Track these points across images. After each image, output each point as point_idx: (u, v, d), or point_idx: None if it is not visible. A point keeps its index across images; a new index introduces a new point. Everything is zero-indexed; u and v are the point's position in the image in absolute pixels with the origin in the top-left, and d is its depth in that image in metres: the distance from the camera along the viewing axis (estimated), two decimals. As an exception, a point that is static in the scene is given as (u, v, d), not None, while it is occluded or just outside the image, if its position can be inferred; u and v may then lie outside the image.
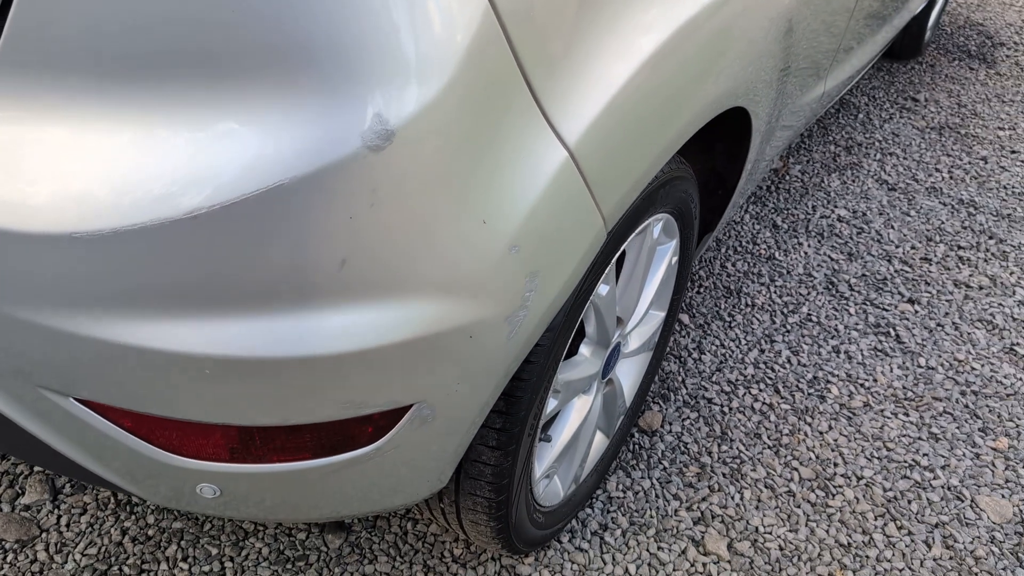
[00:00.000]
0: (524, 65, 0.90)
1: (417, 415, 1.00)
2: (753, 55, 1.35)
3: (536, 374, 1.15)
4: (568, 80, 0.96)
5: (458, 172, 0.87)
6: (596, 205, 1.04)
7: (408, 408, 0.99)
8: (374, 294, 0.88)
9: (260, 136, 0.79)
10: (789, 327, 2.17)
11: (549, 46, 0.93)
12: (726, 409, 1.91)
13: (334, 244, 0.83)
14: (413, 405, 0.99)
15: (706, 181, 1.72)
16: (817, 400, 1.96)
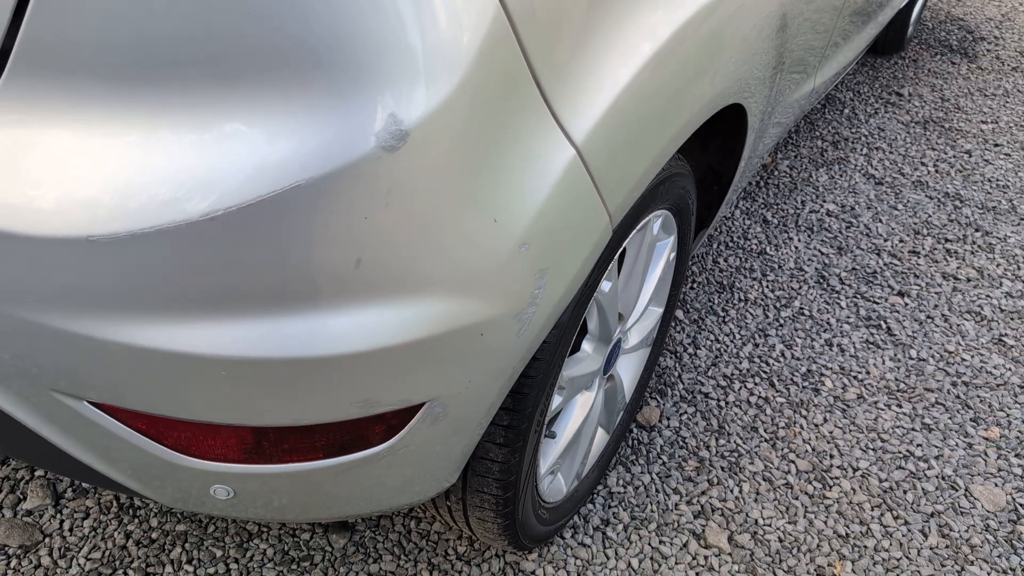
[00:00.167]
0: (533, 64, 0.91)
1: (429, 413, 1.01)
2: (749, 52, 1.36)
3: (543, 371, 1.16)
4: (576, 78, 0.97)
5: (470, 171, 0.88)
6: (603, 202, 1.05)
7: (420, 406, 0.99)
8: (388, 294, 0.88)
9: (276, 137, 0.80)
10: (782, 321, 2.19)
11: (558, 45, 0.93)
12: (723, 403, 1.93)
13: (349, 245, 0.84)
14: (425, 403, 0.99)
15: (701, 177, 1.74)
16: (812, 393, 1.98)
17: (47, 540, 1.50)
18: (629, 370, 1.66)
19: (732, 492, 1.73)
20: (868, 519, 1.70)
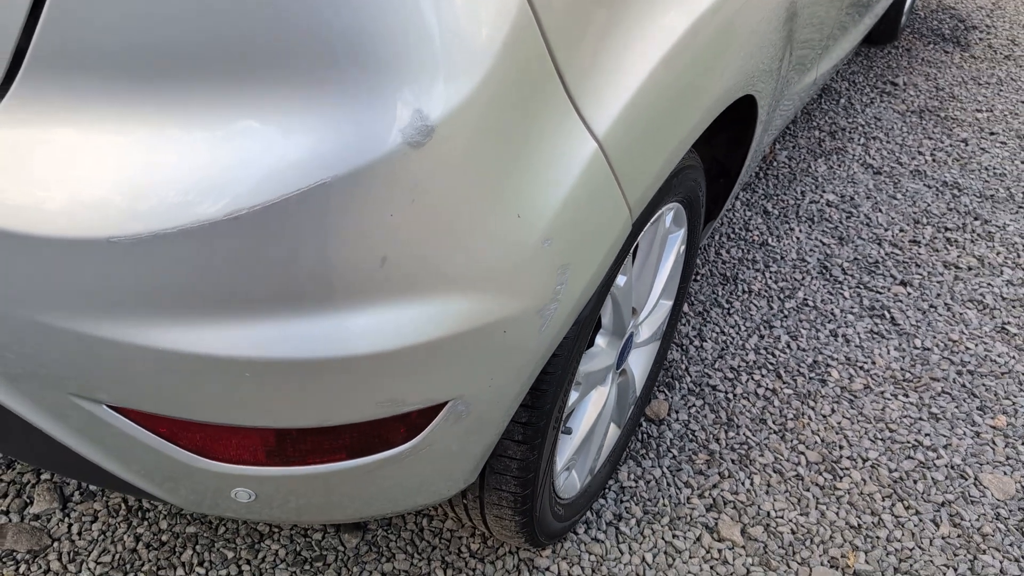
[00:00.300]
0: (556, 55, 0.89)
1: (452, 412, 0.99)
2: (759, 43, 1.35)
3: (561, 367, 1.15)
4: (597, 70, 0.96)
5: (494, 166, 0.87)
6: (623, 196, 1.04)
7: (443, 405, 0.98)
8: (413, 292, 0.87)
9: (300, 135, 0.78)
10: (787, 312, 2.19)
11: (580, 36, 0.92)
12: (730, 396, 1.93)
13: (375, 243, 0.82)
14: (448, 402, 0.98)
15: (707, 170, 1.73)
16: (818, 384, 1.98)
17: (56, 544, 1.48)
18: (640, 364, 1.65)
19: (743, 485, 1.72)
20: (879, 509, 1.70)
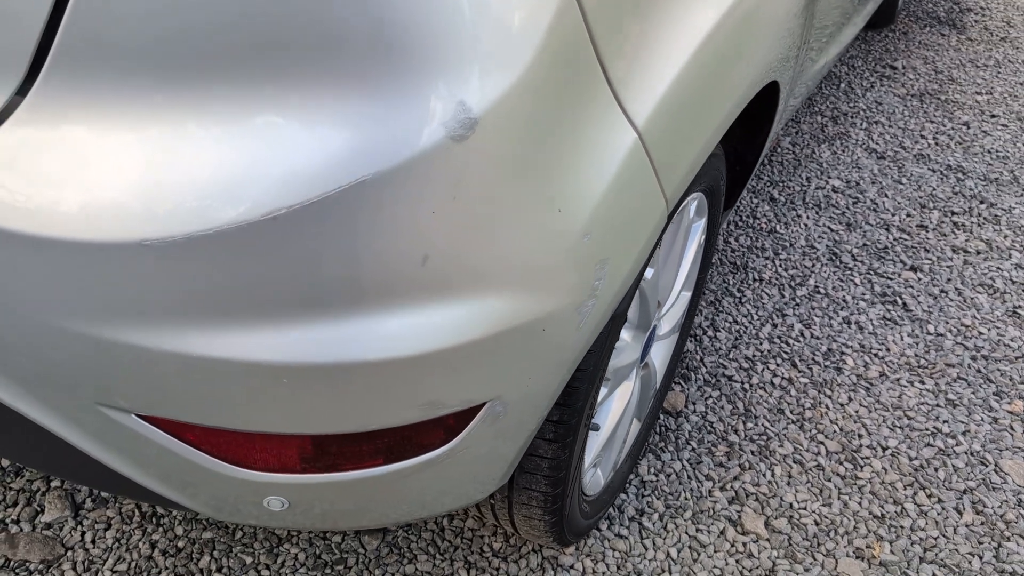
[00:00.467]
0: (598, 43, 0.86)
1: (490, 413, 0.96)
2: (783, 30, 1.32)
3: (593, 363, 1.12)
4: (637, 59, 0.92)
5: (536, 159, 0.84)
6: (660, 187, 1.01)
7: (481, 406, 0.95)
8: (453, 291, 0.84)
9: (338, 130, 0.75)
10: (798, 300, 2.17)
11: (623, 24, 0.89)
12: (747, 386, 1.90)
13: (416, 241, 0.79)
14: (487, 403, 0.95)
15: (725, 157, 1.70)
16: (834, 372, 1.96)
17: (69, 553, 1.45)
18: (660, 357, 1.63)
19: (764, 476, 1.70)
20: (902, 498, 1.69)
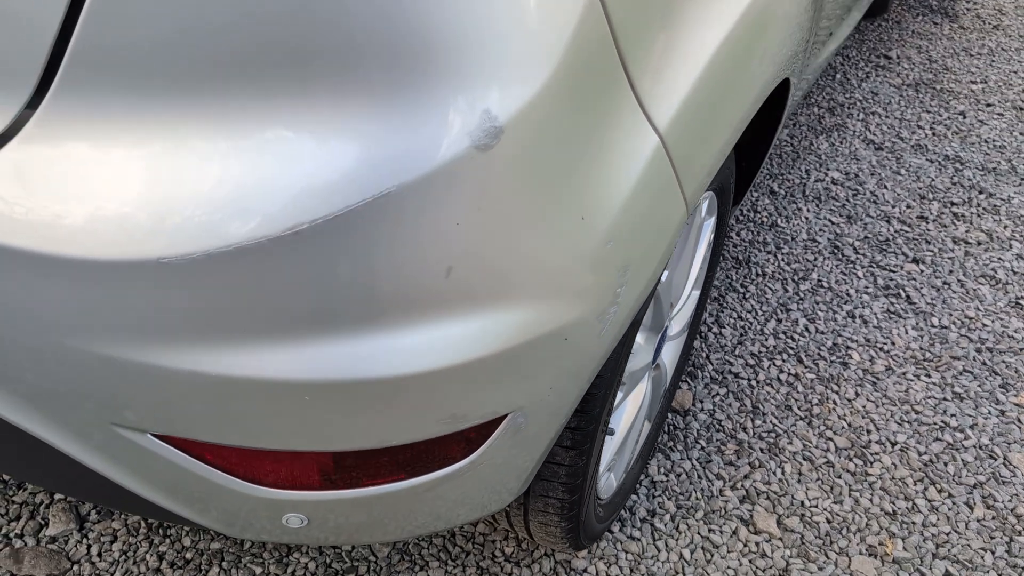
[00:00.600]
0: (621, 47, 0.84)
1: (511, 424, 0.95)
2: (794, 26, 1.30)
3: (611, 368, 1.10)
4: (659, 62, 0.90)
5: (560, 166, 0.81)
6: (681, 190, 0.99)
7: (503, 418, 0.93)
8: (476, 302, 0.82)
9: (361, 142, 0.73)
10: (802, 295, 2.15)
11: (646, 27, 0.87)
12: (753, 383, 1.89)
13: (440, 252, 0.77)
14: (508, 415, 0.93)
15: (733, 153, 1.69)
16: (840, 367, 1.95)
17: (75, 567, 1.42)
18: (669, 357, 1.62)
19: (775, 474, 1.69)
20: (912, 494, 1.68)
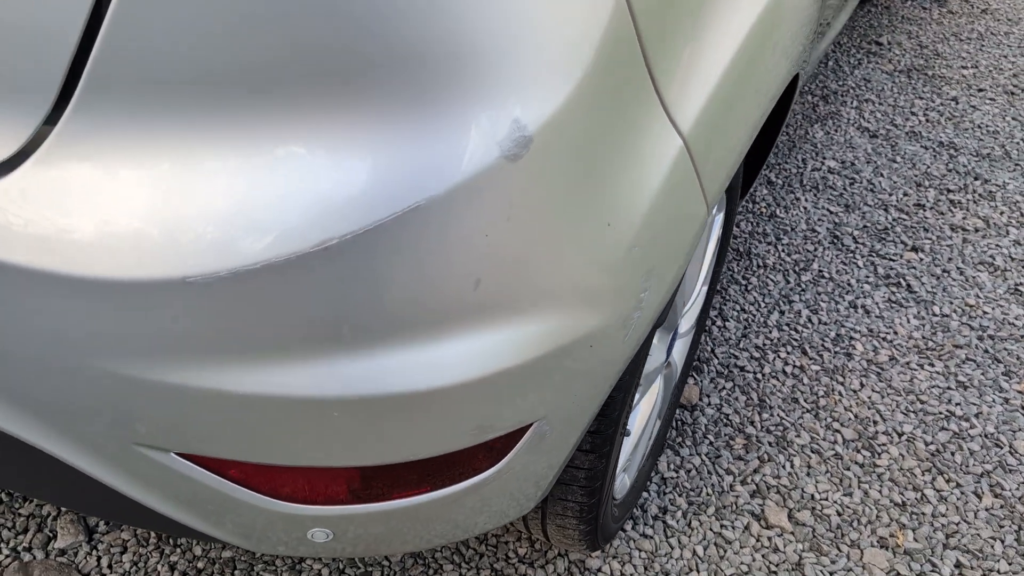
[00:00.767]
0: (647, 51, 0.83)
1: (537, 433, 0.94)
2: (804, 19, 1.29)
3: (630, 371, 1.09)
4: (682, 64, 0.89)
5: (587, 174, 0.80)
6: (703, 191, 0.98)
7: (529, 427, 0.92)
8: (504, 313, 0.81)
9: (389, 156, 0.71)
10: (804, 286, 2.15)
11: (670, 30, 0.86)
12: (759, 376, 1.89)
13: (469, 264, 0.76)
14: (534, 423, 0.92)
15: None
16: (844, 358, 1.95)
17: (86, 580, 1.41)
18: (679, 353, 1.61)
19: (784, 468, 1.69)
20: (921, 484, 1.68)
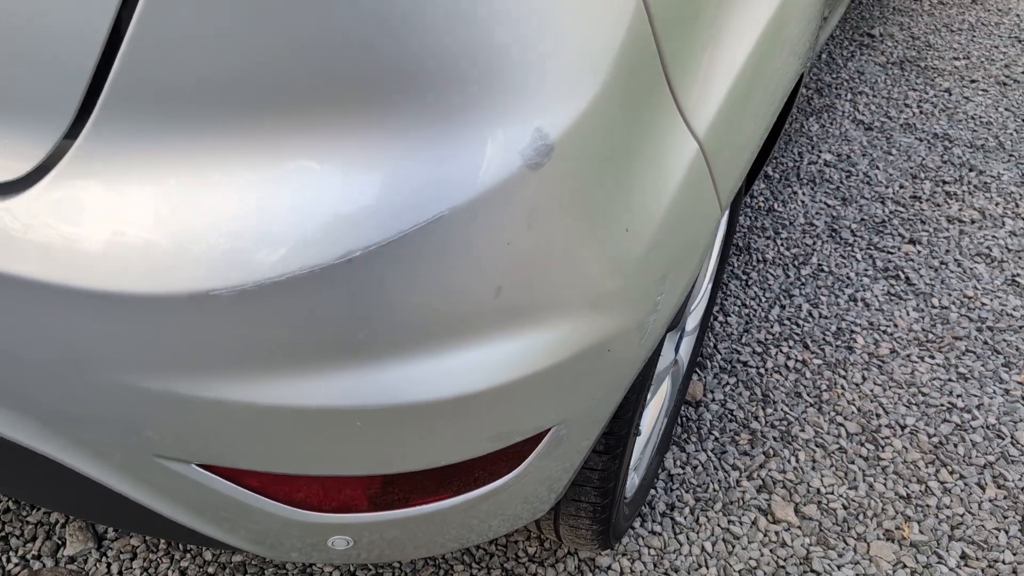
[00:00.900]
0: (664, 55, 0.83)
1: (555, 437, 0.94)
2: (811, 14, 1.30)
3: (643, 373, 1.10)
4: (698, 67, 0.89)
5: (607, 181, 0.80)
6: (716, 193, 0.98)
7: (547, 432, 0.93)
8: (524, 320, 0.81)
9: (412, 166, 0.71)
10: (803, 280, 2.16)
11: (686, 33, 0.86)
12: (762, 370, 1.90)
13: (491, 272, 0.76)
14: (552, 428, 0.93)
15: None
16: (846, 352, 1.96)
17: (96, 587, 1.40)
18: (685, 350, 1.61)
19: (789, 463, 1.70)
20: (925, 477, 1.70)
